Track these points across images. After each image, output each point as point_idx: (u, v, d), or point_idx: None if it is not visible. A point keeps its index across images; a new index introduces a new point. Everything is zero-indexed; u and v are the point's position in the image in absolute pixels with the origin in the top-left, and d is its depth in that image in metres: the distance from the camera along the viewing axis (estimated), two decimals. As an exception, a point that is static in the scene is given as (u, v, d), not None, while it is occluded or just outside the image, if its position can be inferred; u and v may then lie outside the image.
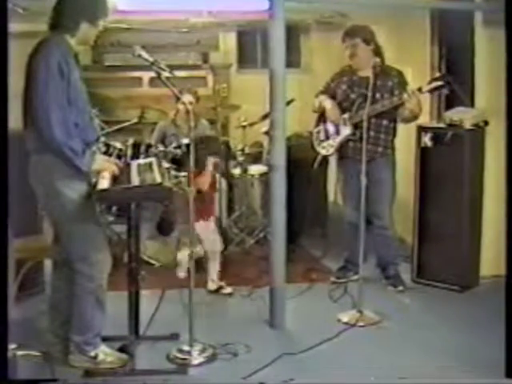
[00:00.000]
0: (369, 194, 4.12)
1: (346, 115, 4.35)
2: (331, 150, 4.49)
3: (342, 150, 4.44)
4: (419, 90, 4.07)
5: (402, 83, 4.27)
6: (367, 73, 4.16)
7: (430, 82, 4.10)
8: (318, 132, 4.56)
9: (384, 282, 4.50)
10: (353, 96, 4.34)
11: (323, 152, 4.54)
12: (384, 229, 4.41)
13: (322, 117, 4.54)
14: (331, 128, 4.45)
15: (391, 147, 4.39)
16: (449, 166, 4.35)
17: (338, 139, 4.41)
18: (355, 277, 4.38)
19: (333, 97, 4.45)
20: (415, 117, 4.26)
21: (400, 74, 4.31)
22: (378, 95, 4.19)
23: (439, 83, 4.05)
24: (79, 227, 3.10)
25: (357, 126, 4.26)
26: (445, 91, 4.24)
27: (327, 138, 4.50)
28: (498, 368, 2.98)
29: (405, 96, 4.08)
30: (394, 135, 4.40)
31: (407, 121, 4.31)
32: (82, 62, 3.26)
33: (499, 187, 3.48)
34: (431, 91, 4.14)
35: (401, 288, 4.41)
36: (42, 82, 2.94)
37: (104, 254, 3.21)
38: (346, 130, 4.36)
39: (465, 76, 4.77)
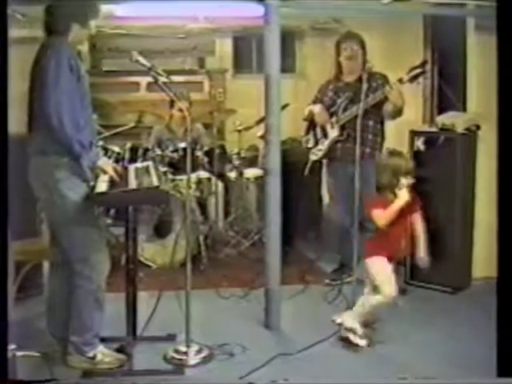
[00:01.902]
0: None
1: (333, 119, 4.44)
2: (320, 154, 4.56)
3: (331, 152, 4.51)
4: (400, 80, 4.11)
5: (386, 84, 4.31)
6: (351, 78, 4.37)
7: (409, 72, 4.10)
8: (307, 140, 4.64)
9: None
10: (339, 101, 4.43)
11: (313, 157, 4.61)
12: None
13: (311, 125, 4.62)
14: (319, 133, 4.54)
15: (379, 149, 4.43)
16: (441, 169, 4.40)
17: (327, 142, 4.49)
18: (349, 279, 4.42)
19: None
20: (399, 110, 4.27)
21: (384, 76, 4.37)
22: (362, 96, 4.15)
23: (418, 71, 4.08)
24: (80, 229, 3.15)
25: (344, 127, 4.35)
26: (421, 80, 4.21)
27: (316, 143, 4.57)
28: (489, 367, 3.02)
29: (387, 88, 4.15)
30: (383, 137, 4.45)
31: (393, 116, 4.34)
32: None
33: (491, 190, 3.52)
34: (411, 80, 4.11)
35: None
36: (53, 77, 2.99)
37: (103, 256, 3.26)
38: (333, 133, 4.44)
39: (457, 81, 4.84)
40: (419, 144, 4.47)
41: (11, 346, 2.63)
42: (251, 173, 5.83)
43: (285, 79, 3.95)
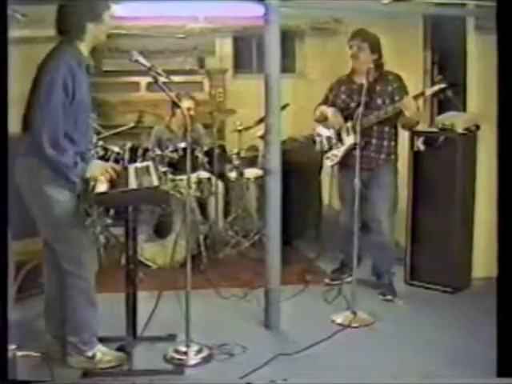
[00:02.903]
0: (369, 200, 4.20)
1: (348, 124, 4.30)
2: (336, 160, 4.42)
3: (346, 158, 4.35)
4: (422, 93, 4.04)
5: (402, 88, 4.23)
6: (363, 80, 4.17)
7: (432, 85, 4.06)
8: (321, 143, 4.52)
9: (375, 289, 4.48)
10: (353, 104, 4.29)
11: (328, 162, 4.49)
12: (381, 235, 4.36)
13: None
14: (334, 137, 4.42)
15: (394, 153, 4.35)
16: (441, 169, 4.39)
17: (343, 148, 4.36)
18: (349, 279, 4.41)
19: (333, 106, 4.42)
20: (415, 124, 4.25)
21: (399, 78, 4.26)
22: (379, 101, 4.18)
23: (442, 85, 4.00)
24: (67, 229, 3.15)
25: (360, 134, 4.17)
26: (449, 93, 4.15)
27: (330, 147, 4.45)
28: (489, 367, 3.03)
29: (403, 102, 4.03)
30: (396, 141, 4.37)
31: (408, 127, 4.30)
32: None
33: (491, 190, 3.52)
34: (435, 95, 4.07)
35: (389, 297, 4.35)
36: (43, 96, 2.98)
37: (91, 255, 3.31)
38: (349, 139, 4.30)
39: (457, 81, 4.83)
40: (419, 144, 4.47)
41: (11, 346, 2.63)
42: (251, 173, 5.83)
43: (285, 79, 3.95)
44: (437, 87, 4.03)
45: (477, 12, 4.39)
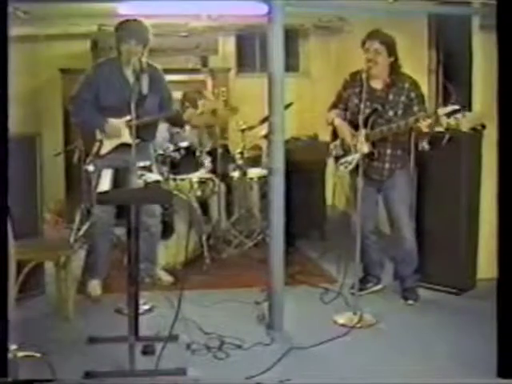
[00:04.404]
0: (386, 206, 4.19)
1: (362, 131, 4.00)
2: (350, 167, 4.22)
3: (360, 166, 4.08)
4: (434, 113, 3.84)
5: (419, 97, 4.07)
6: (379, 84, 4.10)
7: (446, 105, 3.87)
8: (335, 147, 4.34)
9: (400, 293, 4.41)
10: (366, 111, 4.00)
11: (342, 168, 4.29)
12: (402, 239, 4.26)
13: (335, 131, 4.34)
14: (346, 144, 4.24)
15: (409, 160, 4.23)
16: (446, 169, 4.36)
17: (356, 156, 4.10)
18: (377, 287, 4.44)
19: (345, 109, 4.27)
20: (427, 135, 4.16)
21: (416, 86, 4.09)
22: (390, 113, 4.04)
23: (455, 107, 3.79)
24: None
25: (374, 144, 4.07)
26: (459, 116, 3.98)
27: (344, 154, 4.26)
28: (490, 367, 3.02)
29: (418, 119, 3.86)
30: (410, 149, 4.23)
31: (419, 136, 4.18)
32: (83, 65, 3.27)
33: (496, 190, 3.50)
34: (448, 116, 3.83)
35: (410, 302, 4.27)
36: None
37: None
38: (363, 148, 4.03)
39: (462, 80, 4.81)
40: (424, 144, 4.43)
41: (12, 347, 2.62)
42: (255, 172, 5.80)
43: (288, 78, 3.92)
44: (450, 108, 3.80)
45: (482, 10, 4.36)
